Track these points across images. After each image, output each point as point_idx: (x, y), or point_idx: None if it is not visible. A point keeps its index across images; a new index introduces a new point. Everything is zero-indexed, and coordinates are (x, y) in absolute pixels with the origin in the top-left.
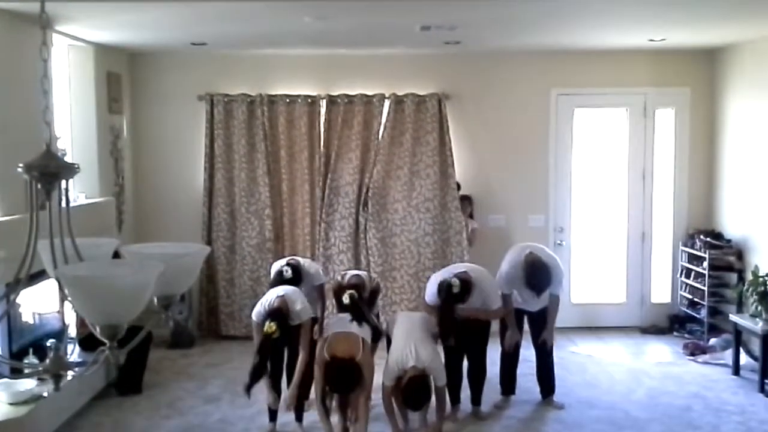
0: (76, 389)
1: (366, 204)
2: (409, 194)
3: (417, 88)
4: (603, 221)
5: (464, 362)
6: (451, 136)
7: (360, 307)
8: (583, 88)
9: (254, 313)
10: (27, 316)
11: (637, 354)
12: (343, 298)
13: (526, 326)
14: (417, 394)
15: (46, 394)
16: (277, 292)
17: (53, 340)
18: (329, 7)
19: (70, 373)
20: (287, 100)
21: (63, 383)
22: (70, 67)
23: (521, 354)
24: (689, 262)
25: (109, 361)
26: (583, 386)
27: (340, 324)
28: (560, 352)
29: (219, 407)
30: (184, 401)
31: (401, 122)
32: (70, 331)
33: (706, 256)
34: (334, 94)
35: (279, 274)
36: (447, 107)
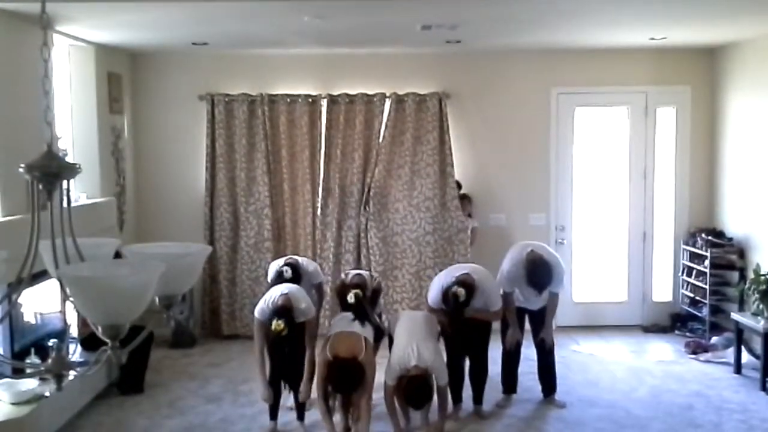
0: (78, 389)
1: (367, 203)
2: (410, 193)
3: (418, 88)
4: (604, 220)
5: (466, 361)
6: (452, 135)
7: (364, 307)
8: (583, 87)
9: (257, 311)
10: (29, 316)
11: (639, 352)
12: (348, 297)
13: (527, 325)
14: (419, 393)
15: (48, 394)
16: (280, 290)
17: (55, 340)
18: (329, 7)
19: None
20: (288, 100)
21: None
22: (71, 68)
23: (522, 353)
24: (691, 261)
25: (111, 360)
26: (584, 385)
27: (342, 323)
28: (562, 351)
29: (220, 406)
30: (185, 401)
31: (402, 121)
32: (71, 331)
33: (708, 254)
34: (334, 93)
35: (278, 275)
36: (447, 106)
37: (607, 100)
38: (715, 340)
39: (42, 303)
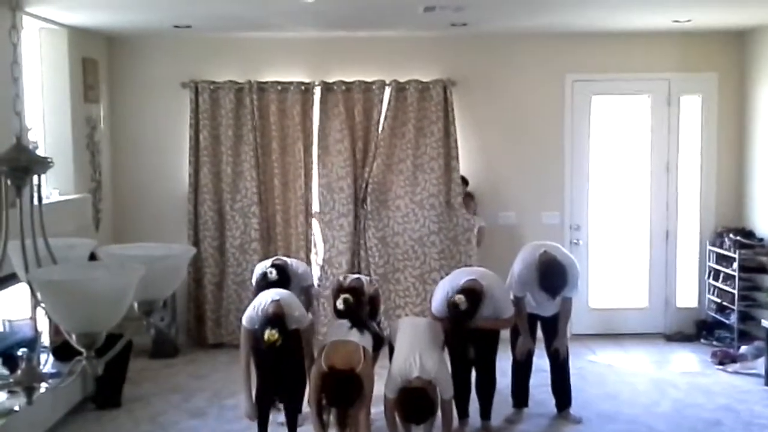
0: (51, 403)
1: (365, 200)
2: (412, 189)
3: (420, 74)
4: (623, 218)
5: (472, 373)
6: (457, 126)
7: (357, 313)
8: (601, 74)
9: (245, 318)
10: None
11: (661, 363)
12: (337, 303)
13: (539, 333)
14: (420, 407)
15: (18, 408)
16: (271, 296)
17: (25, 350)
18: None
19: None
20: (279, 88)
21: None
22: (42, 52)
23: (535, 363)
24: (718, 263)
25: (86, 372)
26: (602, 398)
27: (338, 331)
28: (577, 361)
29: (206, 422)
30: (167, 415)
31: (403, 111)
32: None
33: (736, 256)
34: (329, 80)
35: (263, 278)
36: (453, 95)
37: (626, 88)
38: (744, 349)
39: (11, 309)
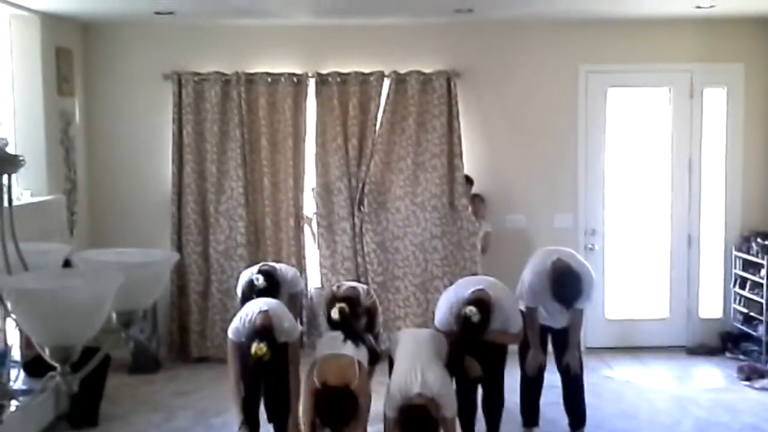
0: (21, 422)
1: (362, 202)
2: (413, 190)
3: (422, 65)
4: (642, 222)
5: (478, 389)
6: (462, 121)
7: (352, 324)
8: (617, 64)
9: (231, 330)
10: None
11: (683, 378)
12: (332, 313)
13: (550, 346)
14: (421, 426)
15: None
16: (259, 306)
17: None
18: None
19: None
20: (269, 80)
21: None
22: (12, 41)
23: (546, 378)
24: (744, 270)
25: (60, 388)
26: (619, 417)
27: (331, 344)
28: (592, 377)
29: None
30: None
31: (403, 105)
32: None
33: (765, 262)
34: (324, 72)
35: (249, 285)
36: (457, 87)
37: (645, 80)
38: None
39: None
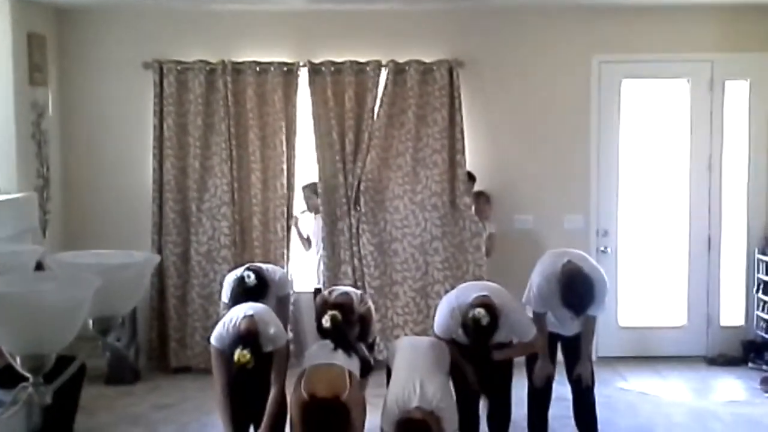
0: None
1: (357, 201)
2: (413, 188)
3: (422, 54)
4: (658, 223)
5: (482, 402)
6: (465, 115)
7: (344, 333)
8: (632, 55)
9: (214, 337)
10: None
11: (702, 391)
12: (323, 321)
13: (560, 356)
14: None
15: None
16: (243, 311)
17: None
18: None
19: None
20: (257, 69)
21: None
22: None
23: (555, 390)
24: None
25: (33, 400)
26: (634, 431)
27: (321, 353)
28: (605, 389)
29: None
30: None
31: (402, 97)
32: None
33: None
34: (316, 61)
35: (240, 282)
36: (459, 78)
37: (662, 71)
38: None
39: None
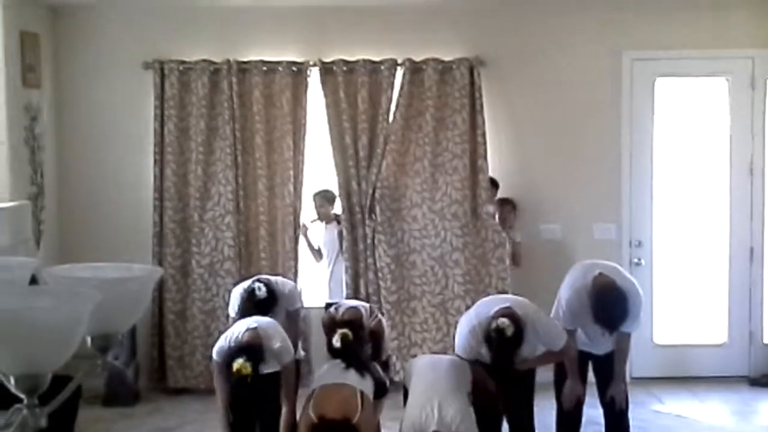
0: None
1: (373, 209)
2: (431, 196)
3: (441, 52)
4: (696, 233)
5: (504, 425)
6: (487, 117)
7: (356, 352)
8: (666, 51)
9: (216, 351)
10: None
11: (745, 414)
12: (333, 340)
13: (591, 376)
14: None
15: None
16: (247, 324)
17: None
18: None
19: None
20: (264, 69)
21: None
22: None
23: (585, 414)
24: None
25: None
26: None
27: (331, 373)
28: (640, 412)
29: None
30: None
31: (419, 98)
32: None
33: None
34: (327, 60)
35: (250, 295)
36: (481, 77)
37: (699, 69)
38: None
39: None
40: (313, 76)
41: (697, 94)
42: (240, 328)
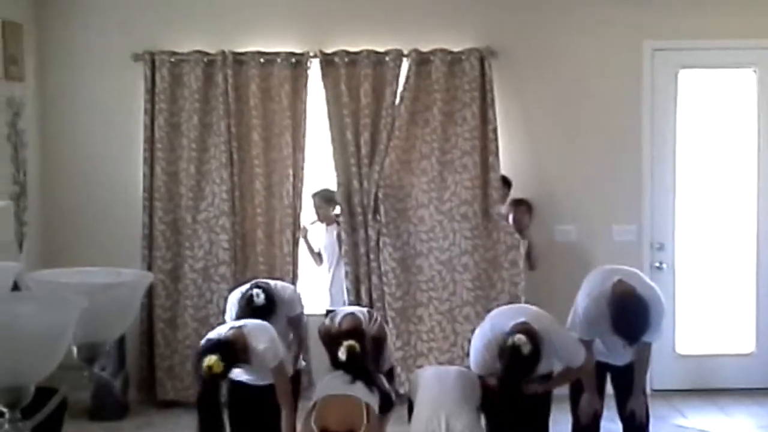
0: None
1: (377, 210)
2: (440, 195)
3: (449, 42)
4: (722, 235)
5: None
6: (498, 111)
7: (364, 365)
8: (690, 41)
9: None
10: None
11: None
12: (339, 354)
13: (609, 389)
14: None
15: None
16: (234, 323)
17: None
18: None
19: None
20: (261, 61)
21: None
22: None
23: (603, 428)
24: None
25: None
26: None
27: (335, 384)
28: (661, 426)
29: None
30: None
31: (426, 91)
32: None
33: None
34: (329, 50)
35: (248, 301)
36: (492, 69)
37: (725, 60)
38: None
39: None
40: (314, 68)
41: (723, 87)
42: (225, 327)
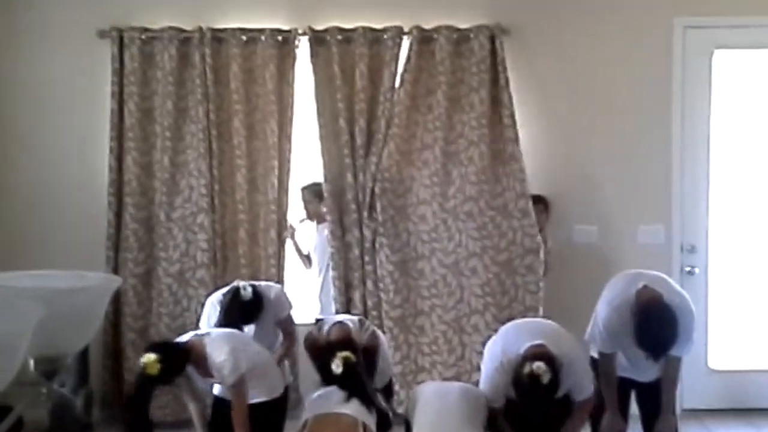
0: None
1: (373, 207)
2: (443, 190)
3: (455, 18)
4: (760, 236)
5: None
6: (513, 95)
7: (361, 378)
8: (725, 18)
9: None
10: None
11: None
12: (333, 365)
13: (633, 407)
14: None
15: None
16: (200, 331)
17: None
18: None
19: None
20: (244, 38)
21: None
22: None
23: None
24: None
25: None
26: None
27: (328, 400)
28: None
29: None
30: None
31: (430, 73)
32: None
33: None
34: (320, 27)
35: (234, 296)
36: (504, 48)
37: (765, 39)
38: None
39: None
40: (302, 47)
41: (763, 69)
42: (189, 334)
